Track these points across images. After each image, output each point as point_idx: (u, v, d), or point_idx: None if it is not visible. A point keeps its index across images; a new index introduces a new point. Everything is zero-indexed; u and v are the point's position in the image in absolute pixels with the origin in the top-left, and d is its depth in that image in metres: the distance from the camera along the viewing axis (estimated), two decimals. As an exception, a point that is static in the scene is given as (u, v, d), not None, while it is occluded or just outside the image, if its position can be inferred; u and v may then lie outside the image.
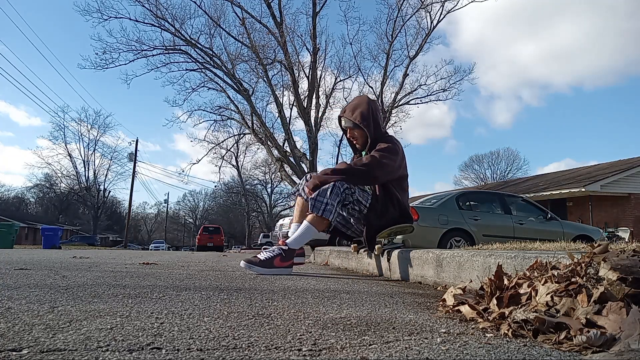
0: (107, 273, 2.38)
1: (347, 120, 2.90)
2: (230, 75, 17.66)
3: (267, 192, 50.41)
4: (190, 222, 69.99)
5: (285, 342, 0.88)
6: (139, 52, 17.08)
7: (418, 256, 2.38)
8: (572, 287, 1.03)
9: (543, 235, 7.10)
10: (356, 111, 2.86)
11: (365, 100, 2.95)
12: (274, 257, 2.58)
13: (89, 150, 40.93)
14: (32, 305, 1.21)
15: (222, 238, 27.29)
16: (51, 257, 4.20)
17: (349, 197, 2.71)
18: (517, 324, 0.99)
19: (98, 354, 0.75)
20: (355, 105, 2.91)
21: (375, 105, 2.95)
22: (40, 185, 50.64)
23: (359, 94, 19.61)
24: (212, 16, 17.31)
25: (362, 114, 2.83)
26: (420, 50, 18.63)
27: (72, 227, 47.77)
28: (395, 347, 0.87)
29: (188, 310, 1.22)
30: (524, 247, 3.00)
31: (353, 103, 2.96)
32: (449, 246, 6.70)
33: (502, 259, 1.66)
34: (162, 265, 3.32)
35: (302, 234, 2.69)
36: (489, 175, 49.46)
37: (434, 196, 8.44)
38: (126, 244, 33.15)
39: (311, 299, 1.52)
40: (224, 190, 48.85)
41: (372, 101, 2.97)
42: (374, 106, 2.93)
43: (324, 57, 19.09)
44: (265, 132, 18.12)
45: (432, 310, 1.36)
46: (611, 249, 1.15)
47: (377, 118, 2.90)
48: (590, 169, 21.19)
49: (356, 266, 3.36)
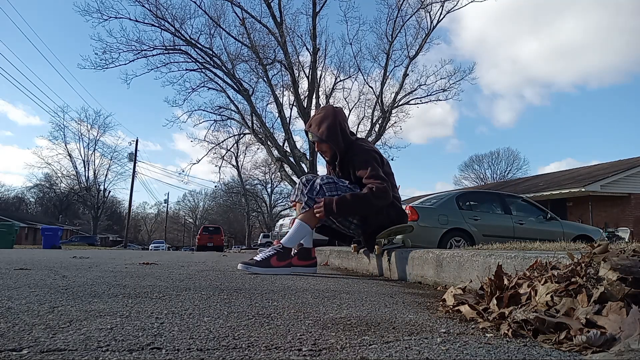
0: (107, 273, 2.38)
1: (314, 135, 2.86)
2: (230, 75, 17.67)
3: (267, 192, 50.43)
4: (190, 222, 70.01)
5: (285, 342, 0.88)
6: (139, 52, 17.12)
7: (418, 256, 2.38)
8: (572, 287, 1.03)
9: (543, 235, 7.10)
10: (322, 125, 2.81)
11: (330, 112, 2.88)
12: (270, 257, 2.59)
13: (89, 150, 40.90)
14: (32, 305, 1.21)
15: (222, 238, 27.30)
16: (51, 257, 4.20)
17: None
18: (517, 324, 0.99)
19: (98, 354, 0.75)
20: (320, 119, 2.85)
21: (342, 115, 2.90)
22: (40, 185, 50.70)
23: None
24: (212, 16, 17.35)
25: (328, 128, 2.79)
26: (420, 50, 18.67)
27: (72, 227, 47.78)
28: (395, 347, 0.87)
29: (188, 310, 1.22)
30: (524, 247, 3.00)
31: (318, 116, 2.89)
32: (449, 246, 6.70)
33: (502, 259, 1.66)
34: (162, 265, 3.32)
35: (294, 231, 2.70)
36: (489, 175, 49.53)
37: (434, 196, 8.44)
38: (126, 244, 33.15)
39: (311, 299, 1.52)
40: (224, 190, 48.83)
41: (338, 111, 2.91)
42: (341, 117, 2.87)
43: (324, 57, 19.15)
44: (265, 132, 18.13)
45: (432, 310, 1.36)
46: (611, 249, 1.15)
47: (344, 128, 2.85)
48: (591, 169, 21.19)
49: (356, 266, 3.36)
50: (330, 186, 2.70)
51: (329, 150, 2.87)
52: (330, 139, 2.78)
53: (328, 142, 2.80)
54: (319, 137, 2.81)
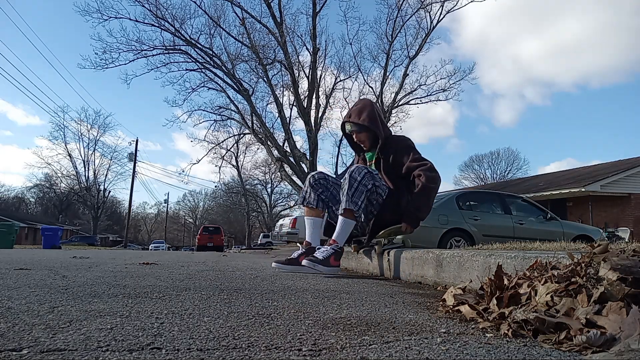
0: (107, 273, 2.38)
1: (354, 124, 2.94)
2: (230, 75, 17.66)
3: (267, 192, 50.38)
4: (190, 222, 70.00)
5: (285, 342, 0.88)
6: (139, 52, 17.07)
7: (418, 256, 2.38)
8: (572, 287, 1.03)
9: (543, 235, 7.10)
10: (363, 114, 2.91)
11: (368, 102, 3.02)
12: (329, 256, 2.62)
13: (88, 150, 40.86)
14: (32, 305, 1.21)
15: (222, 238, 27.29)
16: (51, 257, 4.20)
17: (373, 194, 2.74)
18: (517, 324, 0.99)
19: (98, 354, 0.75)
20: (360, 109, 2.95)
21: (378, 107, 3.02)
22: (40, 185, 50.67)
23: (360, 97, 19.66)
24: (212, 16, 17.32)
25: (369, 117, 2.89)
26: (420, 50, 18.65)
27: (72, 227, 47.78)
28: (395, 347, 0.87)
29: (188, 310, 1.22)
30: (524, 247, 3.00)
31: (357, 107, 3.00)
32: (449, 246, 6.69)
33: (502, 259, 1.66)
34: (162, 265, 3.31)
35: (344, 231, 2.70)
36: (489, 175, 49.51)
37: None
38: (126, 244, 33.14)
39: (311, 299, 1.52)
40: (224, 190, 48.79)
41: (375, 103, 3.05)
42: (377, 107, 3.00)
43: (324, 57, 19.11)
44: (265, 132, 18.12)
45: (432, 310, 1.36)
46: (611, 249, 1.15)
47: (382, 118, 2.97)
48: (590, 169, 21.19)
49: (356, 266, 3.36)
50: (367, 177, 2.70)
51: (367, 139, 2.96)
52: (374, 125, 2.88)
53: (371, 129, 2.89)
54: (362, 124, 2.89)
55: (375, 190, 2.72)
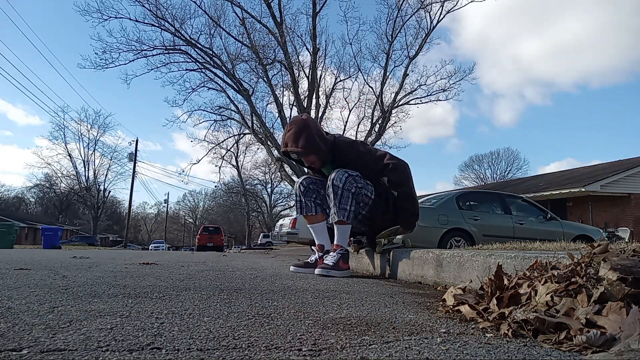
0: (107, 273, 2.38)
1: (295, 152, 2.79)
2: (230, 75, 17.66)
3: (267, 192, 50.39)
4: (190, 222, 70.01)
5: (285, 342, 0.88)
6: (139, 52, 17.07)
7: (418, 256, 2.38)
8: (572, 287, 1.03)
9: (543, 235, 7.10)
10: (300, 140, 2.72)
11: (300, 123, 2.79)
12: (339, 260, 2.64)
13: (88, 150, 40.85)
14: (32, 305, 1.21)
15: (222, 238, 27.29)
16: (51, 257, 4.20)
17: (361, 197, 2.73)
18: (517, 324, 0.99)
19: (98, 354, 0.75)
20: (295, 134, 2.75)
21: (312, 121, 2.84)
22: (40, 185, 50.67)
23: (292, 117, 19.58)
24: (212, 16, 17.32)
25: (307, 140, 2.71)
26: (420, 50, 18.64)
27: (72, 227, 47.78)
28: (395, 347, 0.87)
29: (188, 310, 1.22)
30: (524, 247, 3.00)
31: (290, 133, 2.78)
32: (449, 246, 6.69)
33: (502, 259, 1.66)
34: (162, 265, 3.31)
35: (344, 235, 2.74)
36: (489, 175, 49.51)
37: (434, 196, 8.43)
38: (126, 244, 33.14)
39: (311, 299, 1.52)
40: (224, 190, 48.81)
41: (307, 119, 2.84)
42: (312, 122, 2.82)
43: (324, 57, 19.11)
44: (265, 132, 18.12)
45: (432, 310, 1.36)
46: (611, 249, 1.15)
47: (320, 133, 2.81)
48: (590, 169, 21.19)
49: (356, 266, 3.36)
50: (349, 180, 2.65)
51: (316, 160, 2.83)
52: (313, 149, 2.73)
53: (312, 154, 2.76)
54: (302, 151, 2.74)
55: (360, 192, 2.68)
